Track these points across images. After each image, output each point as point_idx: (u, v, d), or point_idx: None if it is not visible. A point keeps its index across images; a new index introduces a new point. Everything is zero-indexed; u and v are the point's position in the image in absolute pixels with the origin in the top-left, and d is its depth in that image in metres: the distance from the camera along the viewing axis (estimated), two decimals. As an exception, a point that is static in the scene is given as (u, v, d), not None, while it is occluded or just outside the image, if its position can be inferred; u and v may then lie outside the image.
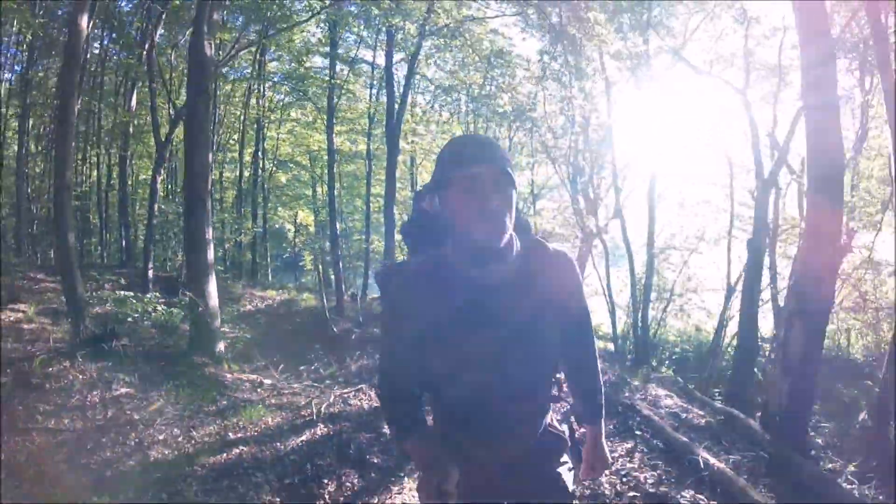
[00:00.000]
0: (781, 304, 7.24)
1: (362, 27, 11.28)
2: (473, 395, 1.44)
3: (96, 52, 12.92)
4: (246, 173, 16.44)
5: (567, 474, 1.62)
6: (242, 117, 14.91)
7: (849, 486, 2.85)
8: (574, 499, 1.70)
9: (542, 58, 7.97)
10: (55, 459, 3.68)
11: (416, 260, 1.49)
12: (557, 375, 1.63)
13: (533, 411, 1.53)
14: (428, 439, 1.47)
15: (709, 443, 3.61)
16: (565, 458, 1.63)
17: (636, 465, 3.56)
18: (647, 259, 8.61)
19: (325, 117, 13.03)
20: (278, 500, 3.12)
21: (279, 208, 18.50)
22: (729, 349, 8.85)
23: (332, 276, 11.97)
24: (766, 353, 8.21)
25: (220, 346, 6.12)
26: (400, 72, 12.24)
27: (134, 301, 6.88)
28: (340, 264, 11.44)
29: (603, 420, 1.65)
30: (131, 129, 12.79)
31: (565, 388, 1.67)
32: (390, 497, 3.33)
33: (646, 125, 9.09)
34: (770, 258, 7.86)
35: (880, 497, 2.77)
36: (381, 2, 8.08)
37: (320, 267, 14.83)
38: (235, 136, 15.90)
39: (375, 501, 3.29)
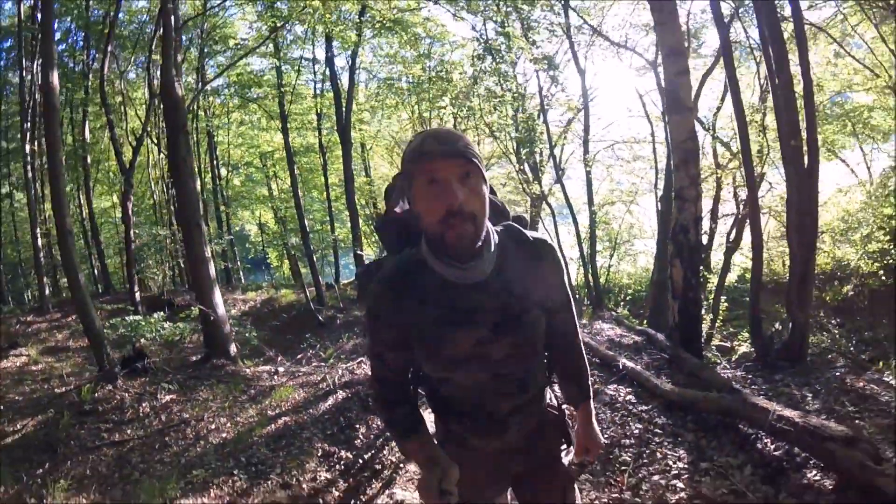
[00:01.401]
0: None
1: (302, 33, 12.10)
2: (467, 392, 1.47)
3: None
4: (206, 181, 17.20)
5: (564, 456, 1.70)
6: (195, 127, 15.59)
7: (723, 371, 4.26)
8: (574, 480, 1.75)
9: (473, 62, 9.12)
10: (132, 463, 4.54)
11: (394, 260, 1.46)
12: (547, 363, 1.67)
13: (528, 401, 1.55)
14: (427, 439, 1.48)
15: (630, 353, 5.03)
16: (562, 439, 1.71)
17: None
18: (589, 215, 10.01)
19: (274, 120, 13.94)
20: (326, 444, 4.34)
21: (239, 211, 19.30)
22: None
23: (305, 270, 13.02)
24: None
25: (233, 347, 7.24)
26: (340, 63, 13.16)
27: (143, 323, 7.86)
28: (314, 257, 12.50)
29: (592, 401, 1.70)
30: (89, 160, 13.50)
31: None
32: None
33: (575, 96, 10.38)
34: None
35: (745, 375, 4.19)
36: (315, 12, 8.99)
37: (290, 262, 15.91)
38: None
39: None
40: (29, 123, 12.64)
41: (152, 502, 3.70)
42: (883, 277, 9.50)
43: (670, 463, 2.98)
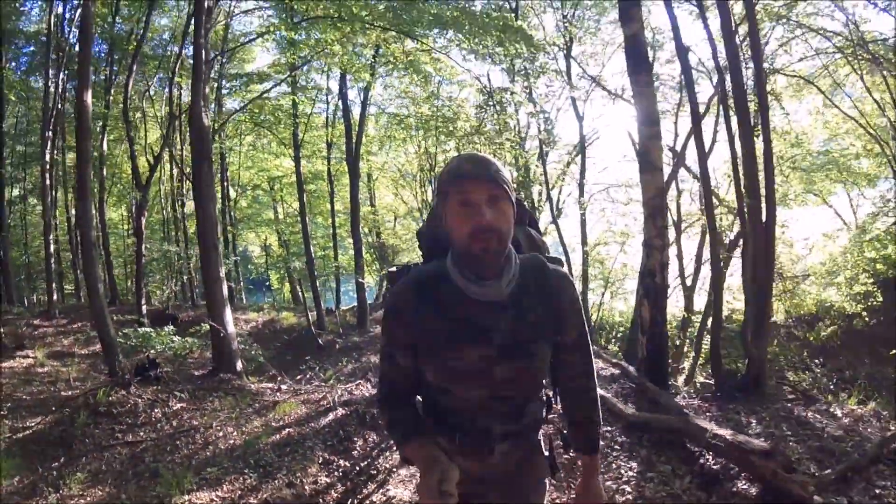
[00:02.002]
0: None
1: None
2: (464, 407, 1.52)
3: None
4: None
5: (544, 495, 1.74)
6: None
7: (684, 400, 4.81)
8: None
9: (477, 111, 9.89)
10: (145, 461, 5.05)
11: (419, 268, 1.56)
12: (549, 395, 1.71)
13: (519, 429, 1.59)
14: (428, 441, 1.50)
15: (603, 383, 5.57)
16: (546, 480, 1.74)
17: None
18: (582, 255, 10.63)
19: (285, 147, 14.69)
20: (326, 454, 4.86)
21: (244, 232, 19.96)
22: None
23: (304, 293, 13.53)
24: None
25: (239, 364, 7.78)
26: (352, 94, 13.91)
27: (153, 335, 8.41)
28: (318, 284, 13.09)
29: (598, 454, 1.71)
30: (105, 173, 14.19)
31: (555, 409, 1.75)
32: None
33: (573, 141, 11.11)
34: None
35: (702, 404, 4.74)
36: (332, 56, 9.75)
37: (295, 285, 16.50)
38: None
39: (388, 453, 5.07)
40: (50, 132, 13.31)
41: (170, 493, 4.22)
42: (866, 318, 10.08)
43: (623, 472, 3.52)
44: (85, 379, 8.79)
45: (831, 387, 8.05)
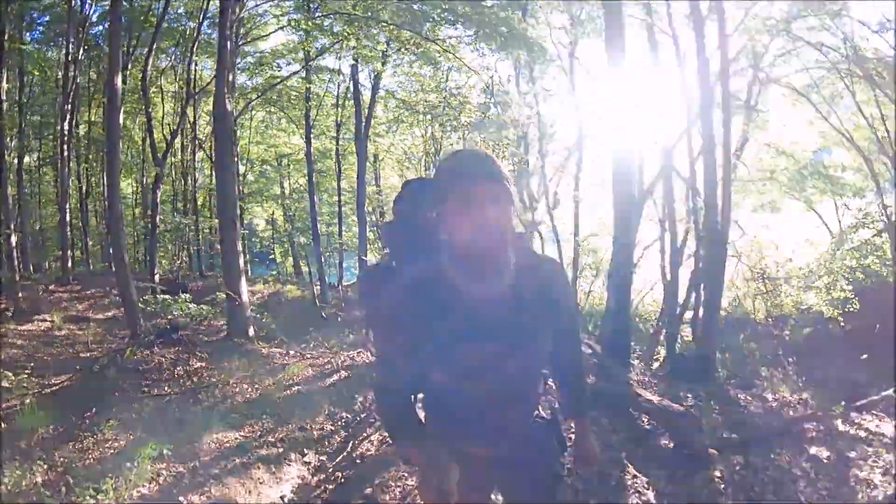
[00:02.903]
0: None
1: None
2: (467, 400, 1.59)
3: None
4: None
5: (556, 460, 1.82)
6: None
7: (636, 377, 5.74)
8: (564, 484, 1.92)
9: (481, 106, 10.74)
10: (170, 411, 5.85)
11: (414, 269, 1.58)
12: (544, 372, 1.80)
13: (524, 411, 1.69)
14: (427, 440, 1.56)
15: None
16: (553, 444, 1.81)
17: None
18: (574, 245, 11.52)
19: (295, 125, 15.54)
20: (332, 407, 5.81)
21: (251, 206, 20.82)
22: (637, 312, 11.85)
23: (308, 268, 14.42)
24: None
25: (252, 330, 8.73)
26: (363, 76, 14.65)
27: (172, 302, 9.35)
28: (322, 259, 14.02)
29: (587, 415, 1.87)
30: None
31: (549, 384, 1.86)
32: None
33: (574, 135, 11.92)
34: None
35: (653, 380, 5.66)
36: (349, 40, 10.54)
37: (298, 259, 17.45)
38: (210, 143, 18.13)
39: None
40: (70, 105, 14.13)
41: (200, 433, 5.16)
42: (842, 323, 10.89)
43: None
44: (102, 342, 9.49)
45: (800, 384, 8.93)
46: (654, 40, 8.21)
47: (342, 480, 4.24)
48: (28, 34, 15.48)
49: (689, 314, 10.34)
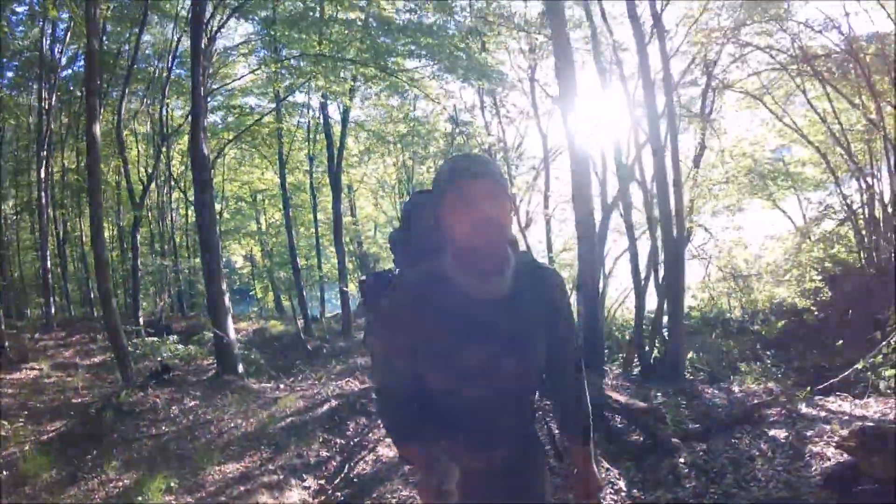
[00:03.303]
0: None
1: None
2: (464, 405, 1.59)
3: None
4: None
5: (548, 486, 1.84)
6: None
7: (610, 380, 6.19)
8: None
9: (447, 138, 11.30)
10: (170, 449, 6.18)
11: (411, 274, 1.61)
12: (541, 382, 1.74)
13: (520, 421, 1.69)
14: (428, 442, 1.58)
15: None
16: (546, 469, 1.84)
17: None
18: (548, 260, 12.03)
19: (269, 161, 15.98)
20: (325, 434, 6.16)
21: (229, 243, 21.12)
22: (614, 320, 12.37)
23: (292, 302, 14.76)
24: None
25: (241, 367, 9.04)
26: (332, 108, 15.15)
27: (160, 344, 9.65)
28: (304, 292, 14.36)
29: (593, 442, 1.78)
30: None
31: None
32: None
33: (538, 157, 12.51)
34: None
35: (625, 382, 6.10)
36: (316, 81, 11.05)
37: (279, 294, 17.74)
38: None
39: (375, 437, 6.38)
40: (45, 151, 14.35)
41: (203, 466, 5.47)
42: (815, 313, 11.44)
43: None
44: (91, 387, 9.65)
45: (779, 375, 9.40)
46: (602, 67, 8.77)
47: (341, 499, 4.57)
48: (-1, 80, 15.80)
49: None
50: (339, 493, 4.74)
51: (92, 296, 18.13)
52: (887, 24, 10.88)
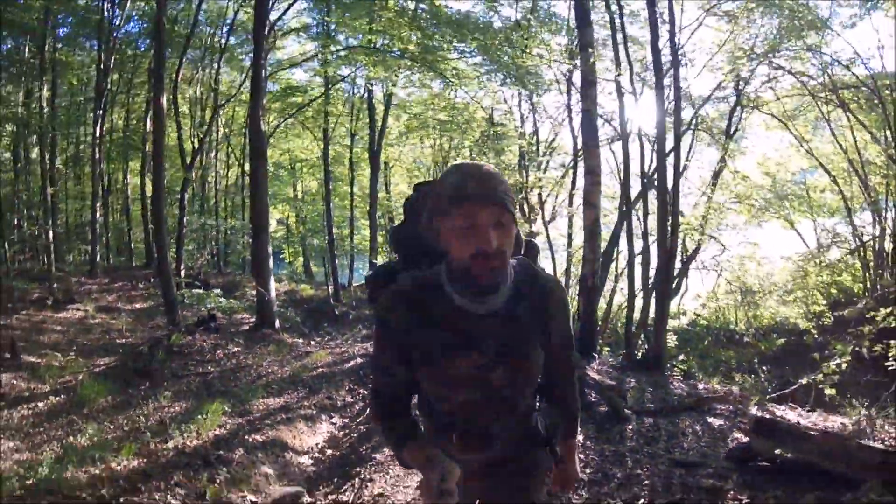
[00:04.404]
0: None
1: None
2: (459, 411, 1.67)
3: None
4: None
5: (541, 485, 1.91)
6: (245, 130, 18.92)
7: (598, 366, 7.40)
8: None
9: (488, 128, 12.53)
10: (216, 385, 7.47)
11: (409, 277, 1.64)
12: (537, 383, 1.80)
13: (514, 424, 1.74)
14: (425, 442, 1.62)
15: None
16: (543, 470, 1.91)
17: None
18: (567, 255, 13.20)
19: (310, 131, 17.35)
20: (351, 384, 7.50)
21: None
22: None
23: (316, 269, 15.98)
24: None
25: (277, 322, 10.46)
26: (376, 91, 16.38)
27: (205, 295, 11.07)
28: (336, 261, 15.76)
29: (575, 439, 1.95)
30: (147, 148, 16.91)
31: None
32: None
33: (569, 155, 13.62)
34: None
35: (611, 370, 7.32)
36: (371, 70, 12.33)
37: (309, 260, 19.17)
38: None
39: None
40: (101, 110, 16.03)
41: (248, 399, 6.82)
42: (815, 335, 12.32)
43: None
44: (134, 330, 11.14)
45: (769, 389, 10.41)
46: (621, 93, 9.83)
47: (363, 431, 5.91)
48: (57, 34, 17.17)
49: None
50: (361, 428, 6.06)
51: (132, 246, 19.93)
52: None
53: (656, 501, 3.78)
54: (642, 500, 3.82)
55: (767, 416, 4.66)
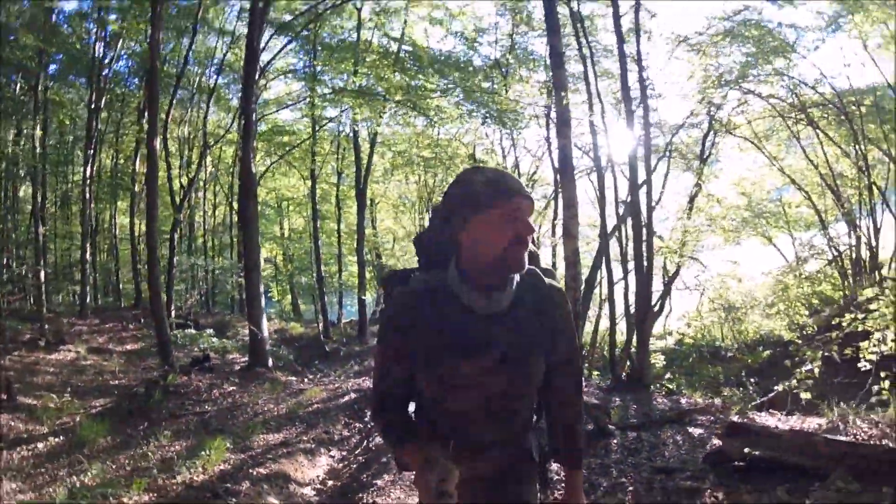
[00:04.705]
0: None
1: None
2: (457, 416, 1.69)
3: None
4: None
5: (534, 498, 1.89)
6: (233, 170, 19.37)
7: (588, 388, 7.77)
8: None
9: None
10: (212, 424, 7.72)
11: (421, 278, 1.69)
12: (538, 402, 1.84)
13: (509, 435, 1.76)
14: (424, 443, 1.62)
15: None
16: (535, 485, 1.90)
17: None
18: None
19: (296, 169, 17.85)
20: (346, 418, 7.81)
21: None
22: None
23: (315, 305, 16.40)
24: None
25: (270, 360, 10.76)
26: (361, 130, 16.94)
27: (197, 336, 11.38)
28: (325, 298, 16.13)
29: (582, 466, 1.89)
30: (137, 189, 17.29)
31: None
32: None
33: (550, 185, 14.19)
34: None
35: (597, 391, 7.69)
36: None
37: (297, 298, 19.48)
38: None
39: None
40: (92, 150, 16.38)
41: (248, 436, 7.11)
42: (800, 345, 12.73)
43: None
44: (127, 371, 11.17)
45: (757, 399, 10.77)
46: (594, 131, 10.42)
47: (362, 461, 6.23)
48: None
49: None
50: (360, 458, 6.38)
51: (121, 286, 20.14)
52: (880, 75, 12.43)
53: (639, 504, 4.14)
54: (626, 504, 4.19)
55: (739, 421, 5.03)
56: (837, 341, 6.61)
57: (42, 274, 14.31)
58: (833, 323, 7.44)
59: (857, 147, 12.53)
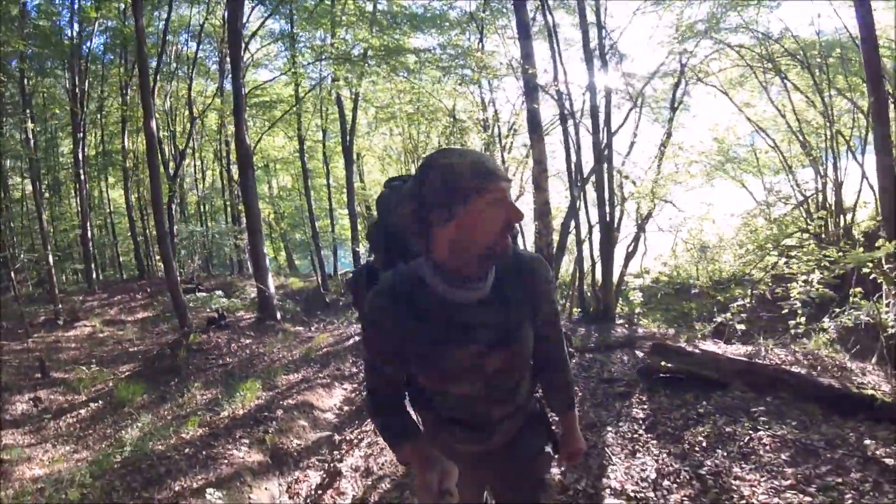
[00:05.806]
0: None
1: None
2: (457, 402, 1.77)
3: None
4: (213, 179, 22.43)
5: (545, 458, 2.02)
6: (219, 136, 20.68)
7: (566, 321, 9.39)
8: (550, 489, 2.02)
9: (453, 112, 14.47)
10: (236, 373, 9.16)
11: (391, 274, 1.68)
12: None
13: (515, 407, 1.86)
14: (423, 442, 1.72)
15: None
16: (542, 448, 2.02)
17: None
18: (535, 228, 15.23)
19: (284, 132, 19.08)
20: (353, 358, 9.38)
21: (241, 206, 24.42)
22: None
23: (299, 261, 17.74)
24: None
25: (279, 314, 12.35)
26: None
27: (209, 298, 12.88)
28: (321, 252, 17.61)
29: (575, 410, 2.03)
30: (128, 164, 18.58)
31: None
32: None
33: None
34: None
35: (568, 323, 9.32)
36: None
37: (292, 254, 20.92)
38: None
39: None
40: (81, 133, 17.51)
41: (271, 377, 8.69)
42: (769, 284, 14.26)
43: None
44: (143, 338, 12.87)
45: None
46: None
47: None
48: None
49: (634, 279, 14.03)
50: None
51: (120, 259, 21.59)
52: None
53: (585, 405, 5.76)
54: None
55: (661, 343, 6.59)
56: (763, 282, 8.07)
57: (50, 258, 15.58)
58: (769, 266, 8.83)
59: (822, 97, 13.77)
